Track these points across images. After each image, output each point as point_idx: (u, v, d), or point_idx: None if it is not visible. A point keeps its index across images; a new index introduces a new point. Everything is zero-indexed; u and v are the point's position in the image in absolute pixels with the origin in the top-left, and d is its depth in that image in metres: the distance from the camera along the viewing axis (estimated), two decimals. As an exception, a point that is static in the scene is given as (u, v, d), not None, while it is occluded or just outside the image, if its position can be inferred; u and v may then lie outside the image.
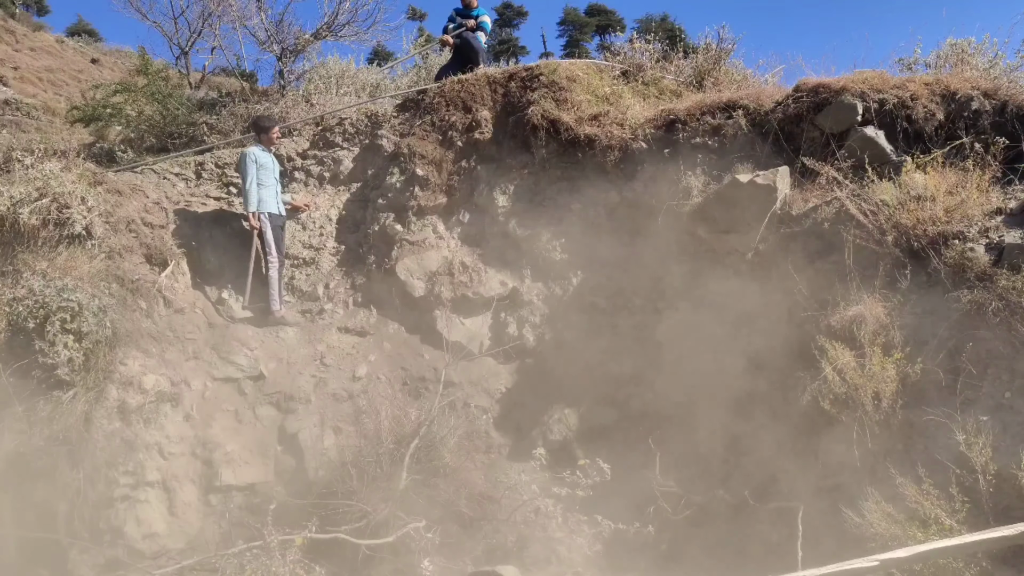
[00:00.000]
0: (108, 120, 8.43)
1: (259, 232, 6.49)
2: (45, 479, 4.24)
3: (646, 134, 6.67)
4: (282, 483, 5.43)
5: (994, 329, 4.23)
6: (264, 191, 6.60)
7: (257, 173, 6.54)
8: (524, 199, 6.82)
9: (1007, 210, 4.88)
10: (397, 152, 7.46)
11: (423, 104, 7.63)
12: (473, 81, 7.48)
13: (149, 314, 5.53)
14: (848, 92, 6.02)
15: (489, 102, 7.33)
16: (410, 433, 5.68)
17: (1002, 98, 5.88)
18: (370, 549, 4.83)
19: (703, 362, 5.76)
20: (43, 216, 5.29)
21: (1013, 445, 3.91)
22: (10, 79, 16.57)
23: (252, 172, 6.51)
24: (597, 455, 5.63)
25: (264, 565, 4.63)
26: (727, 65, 8.24)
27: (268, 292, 6.47)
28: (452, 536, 5.04)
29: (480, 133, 7.12)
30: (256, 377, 5.89)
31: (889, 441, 4.34)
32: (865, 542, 3.84)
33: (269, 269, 6.51)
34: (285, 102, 8.38)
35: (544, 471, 5.71)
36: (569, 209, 6.84)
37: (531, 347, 6.33)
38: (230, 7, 10.48)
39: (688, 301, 6.06)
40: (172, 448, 4.89)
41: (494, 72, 7.68)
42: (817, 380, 4.62)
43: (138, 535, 4.46)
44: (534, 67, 7.44)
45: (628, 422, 5.79)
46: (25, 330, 4.45)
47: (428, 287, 6.73)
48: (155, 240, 6.13)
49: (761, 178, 5.80)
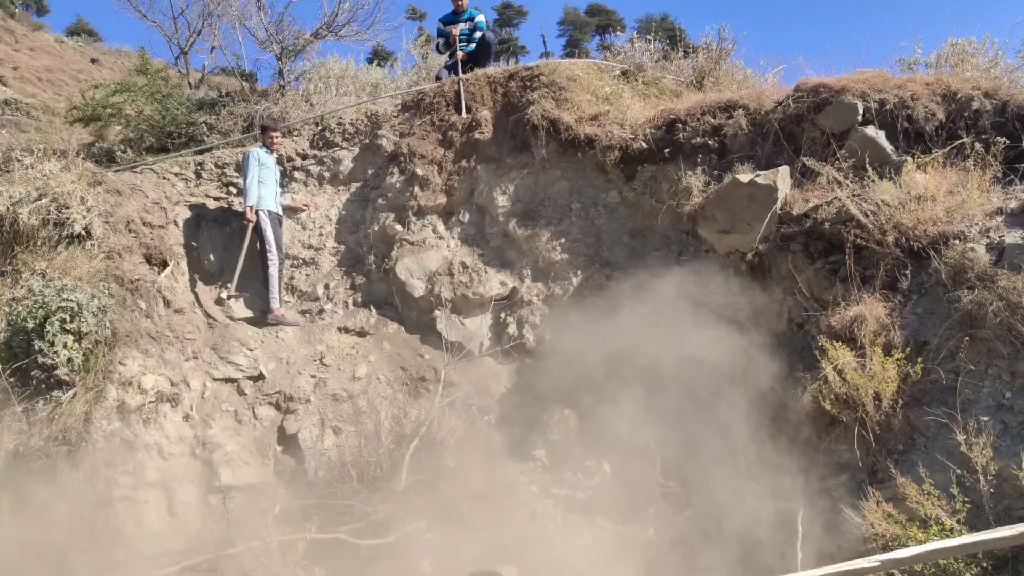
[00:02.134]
0: (108, 120, 8.42)
1: (258, 228, 6.50)
2: (45, 479, 4.23)
3: (646, 134, 6.66)
4: (282, 483, 5.42)
5: (994, 329, 4.23)
6: (264, 189, 6.63)
7: (259, 171, 6.61)
8: (524, 199, 6.82)
9: (1007, 210, 4.87)
10: (397, 152, 7.46)
11: (423, 104, 7.62)
12: (473, 81, 7.48)
13: (149, 314, 5.53)
14: (848, 92, 6.02)
15: (489, 102, 7.33)
16: (410, 433, 5.68)
17: (1003, 98, 5.88)
18: (370, 549, 4.83)
19: (703, 362, 5.76)
20: (43, 216, 5.29)
21: (1013, 445, 3.91)
22: (10, 79, 16.55)
23: (254, 169, 6.59)
24: (597, 455, 5.62)
25: (263, 565, 4.63)
26: (727, 65, 8.24)
27: (268, 291, 6.47)
28: (452, 536, 5.03)
29: (480, 133, 7.11)
30: (256, 377, 5.89)
31: (889, 441, 4.34)
32: (865, 542, 3.84)
33: (269, 267, 6.51)
34: (285, 102, 8.37)
35: (544, 471, 5.71)
36: (569, 209, 6.84)
37: (531, 347, 6.32)
38: (230, 7, 10.45)
39: (688, 301, 6.06)
40: (172, 448, 4.88)
41: (494, 72, 7.67)
42: (817, 380, 4.62)
43: (138, 535, 4.46)
44: (534, 67, 7.44)
45: (628, 422, 5.79)
46: (25, 330, 4.45)
47: (428, 287, 6.73)
48: (155, 240, 6.13)
49: (761, 178, 5.80)
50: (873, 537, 3.80)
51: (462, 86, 7.35)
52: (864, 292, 4.92)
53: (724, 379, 5.56)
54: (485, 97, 7.35)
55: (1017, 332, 4.17)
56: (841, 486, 4.40)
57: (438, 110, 7.42)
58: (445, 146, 7.21)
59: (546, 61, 8.03)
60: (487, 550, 4.93)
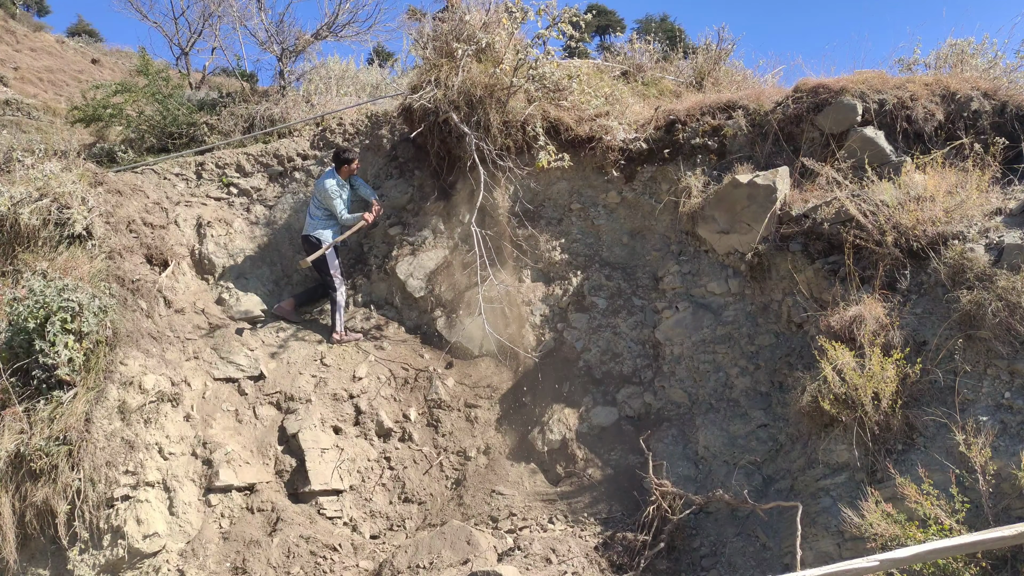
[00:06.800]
0: (108, 120, 8.43)
1: (324, 258, 6.51)
2: (45, 479, 4.24)
3: (646, 134, 6.68)
4: (282, 483, 5.43)
5: (993, 329, 4.24)
6: (335, 220, 6.72)
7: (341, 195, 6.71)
8: (524, 199, 6.83)
9: (1007, 210, 4.88)
10: (397, 152, 7.47)
11: (423, 104, 7.61)
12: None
13: (149, 314, 5.54)
14: (848, 92, 6.03)
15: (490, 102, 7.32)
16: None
17: (1002, 98, 5.89)
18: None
19: (702, 362, 5.78)
20: (43, 216, 5.29)
21: (1012, 445, 3.91)
22: (10, 79, 16.58)
23: (340, 196, 6.69)
24: (597, 455, 5.64)
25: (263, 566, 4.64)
26: (727, 65, 8.26)
27: (333, 317, 6.52)
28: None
29: (480, 133, 7.12)
30: (256, 377, 5.90)
31: (888, 441, 4.35)
32: (865, 542, 3.85)
33: (337, 295, 6.54)
34: (285, 102, 8.38)
35: (544, 471, 5.72)
36: (569, 209, 6.85)
37: (531, 347, 6.33)
38: (230, 7, 10.48)
39: (688, 301, 6.07)
40: (172, 448, 4.88)
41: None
42: (817, 380, 4.62)
43: (138, 535, 4.46)
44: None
45: (627, 422, 5.80)
46: (26, 330, 4.45)
47: (428, 287, 6.74)
48: (155, 240, 6.14)
49: (761, 178, 5.81)
50: (872, 537, 3.81)
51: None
52: (863, 292, 4.93)
53: (723, 378, 5.57)
54: (486, 97, 7.34)
55: (1016, 332, 4.18)
56: (840, 486, 4.41)
57: (438, 110, 7.41)
58: (445, 146, 7.22)
59: (546, 61, 8.02)
60: (487, 550, 4.94)
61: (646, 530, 4.79)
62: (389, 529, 5.34)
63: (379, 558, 4.96)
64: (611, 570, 4.70)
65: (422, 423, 6.01)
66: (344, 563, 4.86)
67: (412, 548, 4.81)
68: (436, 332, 6.62)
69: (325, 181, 6.69)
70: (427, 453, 5.81)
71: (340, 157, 6.79)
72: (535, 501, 5.43)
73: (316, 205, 6.73)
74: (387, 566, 4.73)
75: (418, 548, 4.78)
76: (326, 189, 6.64)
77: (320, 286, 6.82)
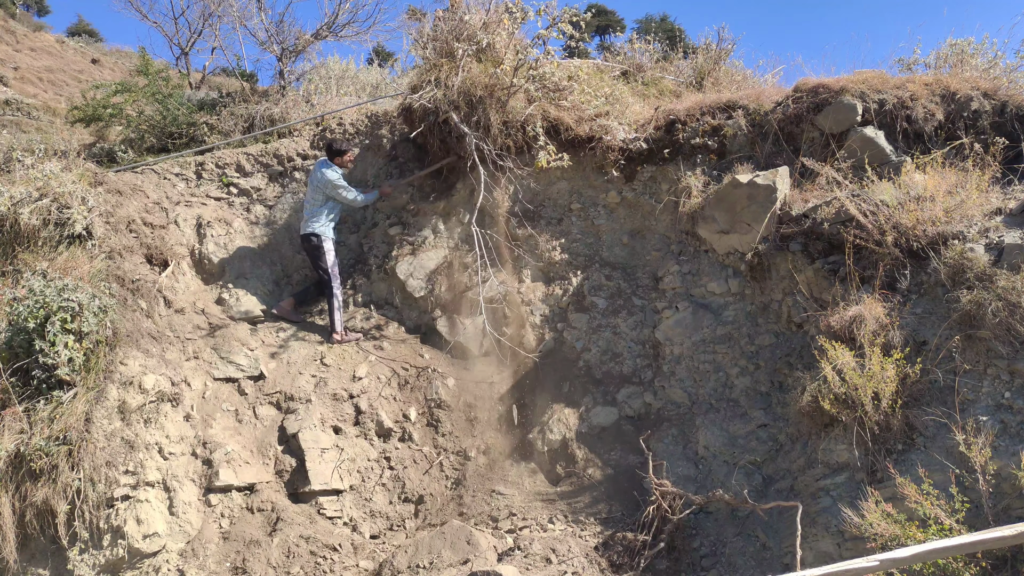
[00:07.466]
0: (108, 120, 8.42)
1: (321, 254, 6.48)
2: (45, 479, 4.24)
3: (646, 134, 6.68)
4: (282, 483, 5.43)
5: (993, 329, 4.24)
6: (334, 215, 6.67)
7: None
8: (524, 199, 6.83)
9: (1007, 210, 4.88)
10: (397, 152, 7.46)
11: (423, 104, 7.61)
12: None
13: (149, 314, 5.53)
14: (848, 92, 6.03)
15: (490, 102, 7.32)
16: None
17: (1002, 98, 5.89)
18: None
19: (702, 362, 5.78)
20: (43, 216, 5.29)
21: (1012, 445, 3.91)
22: (10, 79, 16.57)
23: (344, 182, 6.61)
24: (597, 455, 5.64)
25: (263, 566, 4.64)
26: (727, 65, 8.27)
27: (331, 316, 6.45)
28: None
29: (480, 133, 7.12)
30: (256, 377, 5.89)
31: (888, 441, 4.34)
32: (865, 542, 3.85)
33: (334, 292, 6.47)
34: (285, 102, 8.38)
35: (544, 471, 5.72)
36: (569, 209, 6.85)
37: (531, 347, 6.33)
38: (230, 7, 10.49)
39: (688, 301, 6.07)
40: (172, 448, 4.88)
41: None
42: (817, 380, 4.62)
43: (138, 535, 4.46)
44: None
45: (627, 422, 5.80)
46: (26, 330, 4.45)
47: (428, 287, 6.74)
48: (155, 240, 6.13)
49: (761, 178, 5.81)
50: (872, 537, 3.81)
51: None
52: (863, 292, 4.93)
53: (723, 378, 5.56)
54: (485, 97, 7.34)
55: (1016, 332, 4.17)
56: (840, 486, 4.41)
57: (438, 110, 7.41)
58: (445, 146, 7.22)
59: (546, 61, 8.02)
60: (487, 550, 4.94)
61: (646, 530, 4.79)
62: (389, 529, 5.35)
63: (379, 558, 4.96)
64: (611, 570, 4.70)
65: (422, 423, 6.01)
66: (344, 563, 4.86)
67: (412, 548, 4.81)
68: (436, 332, 6.61)
69: (326, 172, 6.51)
70: (427, 453, 5.81)
71: (332, 148, 6.66)
72: (535, 501, 5.44)
73: (313, 200, 6.57)
74: (387, 566, 4.73)
75: (418, 548, 4.79)
76: (329, 180, 6.49)
77: (319, 283, 6.78)
